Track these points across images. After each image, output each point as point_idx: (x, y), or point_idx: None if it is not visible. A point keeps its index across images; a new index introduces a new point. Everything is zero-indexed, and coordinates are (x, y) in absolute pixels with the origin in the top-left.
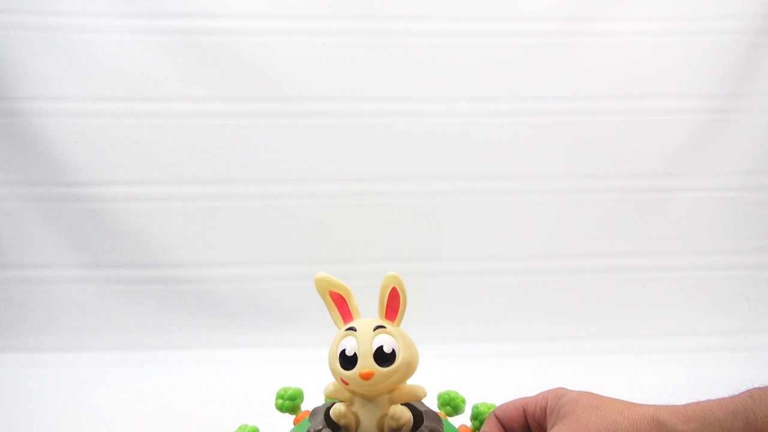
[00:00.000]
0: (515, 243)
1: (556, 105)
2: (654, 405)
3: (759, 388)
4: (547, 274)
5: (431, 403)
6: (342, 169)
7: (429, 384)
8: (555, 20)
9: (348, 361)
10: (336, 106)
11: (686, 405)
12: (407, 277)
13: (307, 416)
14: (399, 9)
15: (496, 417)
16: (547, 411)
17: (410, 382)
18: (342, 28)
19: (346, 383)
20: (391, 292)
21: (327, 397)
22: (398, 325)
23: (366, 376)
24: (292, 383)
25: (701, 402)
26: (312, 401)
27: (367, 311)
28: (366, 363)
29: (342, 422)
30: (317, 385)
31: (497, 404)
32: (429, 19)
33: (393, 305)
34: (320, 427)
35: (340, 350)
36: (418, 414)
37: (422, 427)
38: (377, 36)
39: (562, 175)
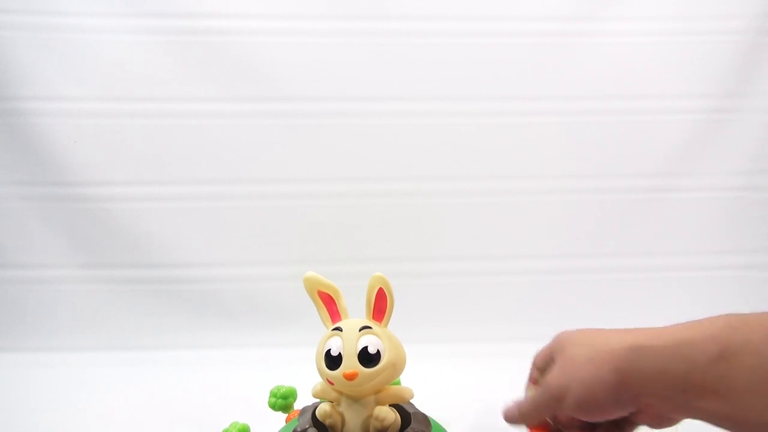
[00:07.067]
0: (514, 243)
1: (556, 105)
2: (633, 330)
3: (735, 316)
4: (547, 274)
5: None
6: (342, 169)
7: (426, 385)
8: (555, 20)
9: (333, 361)
10: (336, 106)
11: (663, 326)
12: (407, 278)
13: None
14: (399, 9)
15: (537, 366)
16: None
17: (405, 382)
18: (342, 28)
19: (332, 383)
20: (378, 292)
21: (314, 396)
22: (385, 325)
23: (350, 377)
24: (290, 383)
25: (678, 323)
26: (306, 400)
27: (362, 311)
28: (350, 363)
29: (327, 422)
30: (313, 384)
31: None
32: (429, 19)
33: (380, 306)
34: (306, 426)
35: (326, 350)
36: (406, 415)
37: (408, 429)
38: (377, 36)
39: (562, 175)
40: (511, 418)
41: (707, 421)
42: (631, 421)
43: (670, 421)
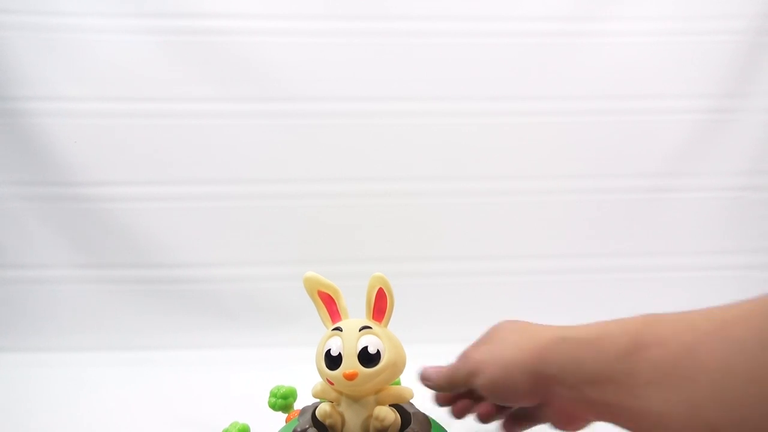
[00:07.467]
0: (514, 243)
1: (556, 105)
2: (563, 326)
3: (654, 314)
4: (547, 274)
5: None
6: (342, 169)
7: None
8: (555, 20)
9: (333, 361)
10: (336, 106)
11: (590, 323)
12: (407, 278)
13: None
14: (399, 9)
15: None
16: None
17: (405, 382)
18: (342, 28)
19: (332, 383)
20: (378, 292)
21: (314, 396)
22: (386, 325)
23: (350, 377)
24: (290, 383)
25: (601, 321)
26: (306, 400)
27: (363, 311)
28: (350, 363)
29: (327, 422)
30: (313, 384)
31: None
32: (429, 19)
33: (380, 306)
34: (306, 426)
35: (326, 350)
36: (406, 415)
37: (408, 429)
38: (377, 36)
39: (562, 175)
40: (425, 378)
41: (609, 419)
42: (536, 417)
43: (576, 423)
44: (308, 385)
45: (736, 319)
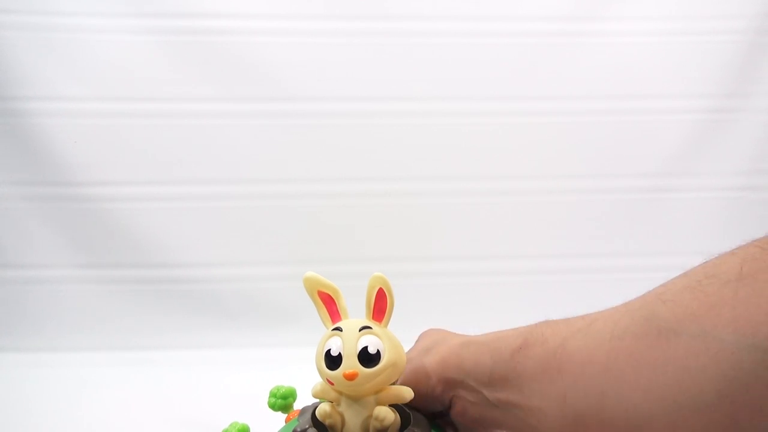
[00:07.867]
0: (514, 243)
1: (556, 105)
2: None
3: (550, 320)
4: (547, 274)
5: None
6: (342, 169)
7: None
8: (555, 20)
9: (333, 361)
10: (336, 106)
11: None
12: (407, 278)
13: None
14: (399, 9)
15: None
16: None
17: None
18: (342, 28)
19: (332, 383)
20: (378, 292)
21: (314, 396)
22: (386, 325)
23: (350, 377)
24: (290, 383)
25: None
26: (306, 400)
27: (362, 311)
28: (350, 363)
29: (327, 422)
30: (313, 384)
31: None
32: (429, 19)
33: (380, 306)
34: (306, 426)
35: (326, 350)
36: (406, 415)
37: (408, 429)
38: (377, 36)
39: (562, 175)
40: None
41: (503, 421)
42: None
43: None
44: (308, 385)
45: (601, 316)
